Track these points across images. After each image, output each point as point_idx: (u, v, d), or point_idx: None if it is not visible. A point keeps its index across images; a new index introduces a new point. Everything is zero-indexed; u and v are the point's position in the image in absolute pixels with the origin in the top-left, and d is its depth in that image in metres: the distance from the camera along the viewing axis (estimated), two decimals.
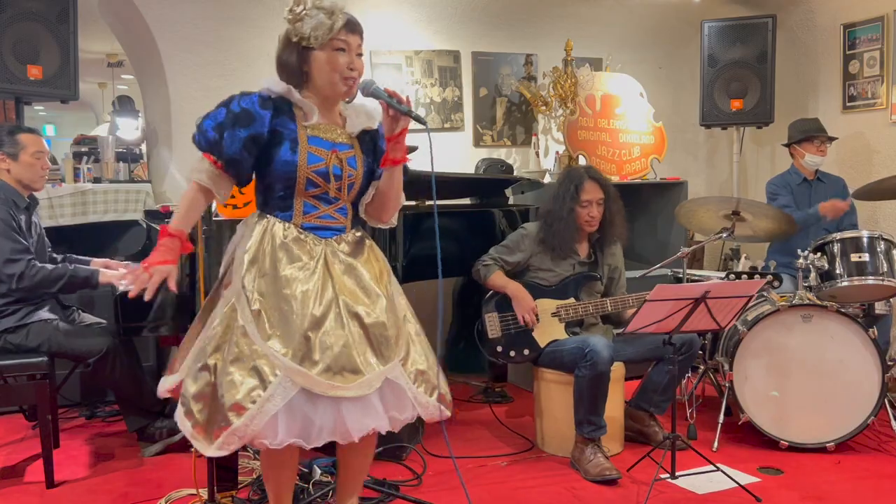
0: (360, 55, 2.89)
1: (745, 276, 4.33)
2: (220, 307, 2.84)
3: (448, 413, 2.97)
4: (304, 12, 2.83)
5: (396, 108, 2.77)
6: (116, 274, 4.30)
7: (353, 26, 2.86)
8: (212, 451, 2.70)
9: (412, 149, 5.00)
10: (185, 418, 2.75)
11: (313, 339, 2.70)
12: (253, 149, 2.81)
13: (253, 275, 2.79)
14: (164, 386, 2.96)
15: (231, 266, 2.89)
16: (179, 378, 2.87)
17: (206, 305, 2.96)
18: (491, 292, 4.53)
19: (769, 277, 4.31)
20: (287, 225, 2.86)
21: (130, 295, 2.74)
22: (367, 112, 3.01)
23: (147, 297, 2.75)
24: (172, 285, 2.78)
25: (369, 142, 3.02)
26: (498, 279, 4.51)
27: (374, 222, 3.10)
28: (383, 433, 2.85)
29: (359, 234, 3.02)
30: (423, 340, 3.02)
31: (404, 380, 2.86)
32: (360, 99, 2.96)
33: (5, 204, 4.16)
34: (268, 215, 2.90)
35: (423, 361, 2.95)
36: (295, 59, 2.87)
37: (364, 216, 3.07)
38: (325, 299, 2.77)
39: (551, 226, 4.51)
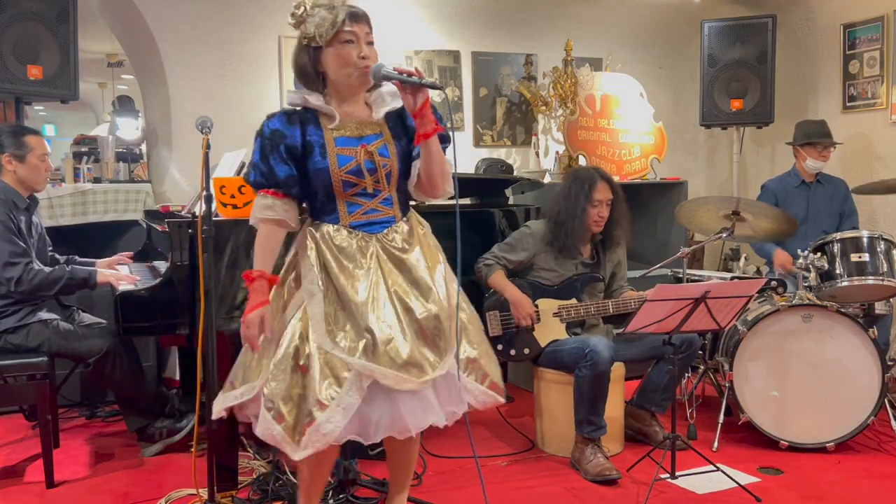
0: (370, 43, 2.88)
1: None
2: (290, 312, 2.89)
3: (501, 400, 3.02)
4: (305, 13, 2.84)
5: (409, 82, 2.74)
6: (114, 273, 4.32)
7: (357, 16, 2.86)
8: (300, 453, 2.73)
9: None
10: (275, 421, 2.76)
11: (377, 333, 2.75)
12: (292, 160, 2.88)
13: (318, 278, 2.84)
14: (225, 404, 2.95)
15: (293, 271, 2.98)
16: (249, 393, 2.87)
17: (272, 310, 2.93)
18: (492, 291, 4.52)
19: (773, 283, 4.32)
20: (337, 227, 2.91)
21: (255, 349, 2.86)
22: (389, 93, 2.99)
23: (256, 349, 2.85)
24: (266, 329, 2.85)
25: (399, 123, 3.01)
26: (498, 280, 4.47)
27: (428, 198, 3.08)
28: (441, 427, 2.86)
29: (409, 222, 3.03)
30: (475, 328, 3.05)
31: (458, 371, 2.89)
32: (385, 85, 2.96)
33: (5, 205, 4.16)
34: (317, 221, 2.95)
35: (474, 349, 2.98)
36: (308, 61, 2.90)
37: (417, 197, 3.07)
38: (381, 296, 2.82)
39: (562, 225, 4.48)
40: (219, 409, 2.97)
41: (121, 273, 4.38)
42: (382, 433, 2.78)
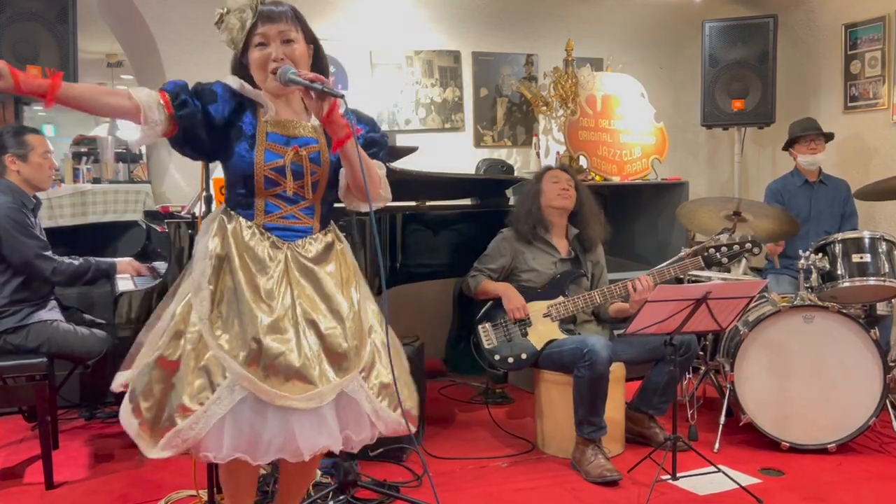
0: (287, 41, 2.68)
1: (724, 248, 4.34)
2: (176, 301, 2.70)
3: (412, 429, 2.81)
4: (219, 20, 2.71)
5: (312, 88, 2.53)
6: (132, 262, 4.46)
7: (269, 16, 2.68)
8: (156, 452, 2.54)
9: (411, 149, 5.01)
10: (132, 415, 2.59)
11: (265, 344, 2.55)
12: (204, 124, 2.68)
13: (212, 272, 2.65)
14: (119, 381, 2.73)
15: (193, 259, 2.76)
16: (133, 374, 2.69)
17: (164, 300, 2.78)
18: (481, 307, 4.53)
19: (748, 245, 4.32)
20: (249, 224, 2.72)
21: None
22: None
23: None
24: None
25: None
26: (486, 286, 4.57)
27: (357, 207, 2.89)
28: (336, 452, 2.68)
29: (328, 236, 2.84)
30: (392, 352, 2.78)
31: (364, 394, 2.69)
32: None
33: (18, 203, 4.21)
34: (232, 212, 2.76)
35: (388, 374, 2.76)
36: (238, 68, 2.78)
37: (349, 204, 2.89)
38: (281, 305, 2.63)
39: (519, 213, 4.66)
40: (117, 383, 2.75)
41: (136, 263, 4.48)
42: (273, 454, 2.56)
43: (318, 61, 2.81)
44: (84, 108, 2.58)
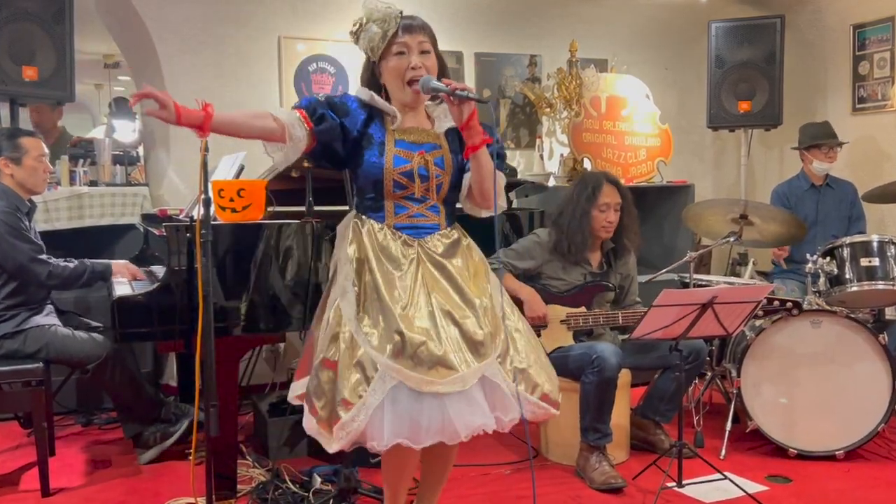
0: (424, 52, 2.92)
1: (776, 301, 4.32)
2: (329, 306, 2.94)
3: (554, 411, 2.99)
4: (360, 29, 2.94)
5: (456, 95, 2.77)
6: (127, 265, 4.48)
7: (409, 27, 2.91)
8: (333, 445, 2.76)
9: None
10: (311, 415, 2.83)
11: (407, 336, 2.73)
12: (341, 137, 2.92)
13: (355, 274, 2.88)
14: (295, 392, 3.06)
15: (336, 267, 3.00)
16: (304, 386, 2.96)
17: (320, 306, 3.06)
18: None
19: (789, 304, 4.31)
20: (381, 226, 2.95)
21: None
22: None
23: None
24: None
25: (457, 140, 3.02)
26: (509, 282, 4.39)
27: (477, 212, 3.11)
28: (489, 432, 2.83)
29: (454, 232, 3.06)
30: (524, 337, 3.03)
31: (501, 378, 2.85)
32: None
33: (12, 207, 4.20)
34: (363, 216, 2.99)
35: (524, 360, 2.95)
36: (370, 75, 3.01)
37: (469, 210, 3.11)
38: (419, 298, 2.84)
39: (564, 229, 4.43)
40: (292, 396, 3.08)
41: (133, 267, 4.49)
42: (433, 437, 2.75)
43: (442, 73, 2.99)
44: (235, 134, 2.85)
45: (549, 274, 4.49)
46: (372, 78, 3.01)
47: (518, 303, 4.37)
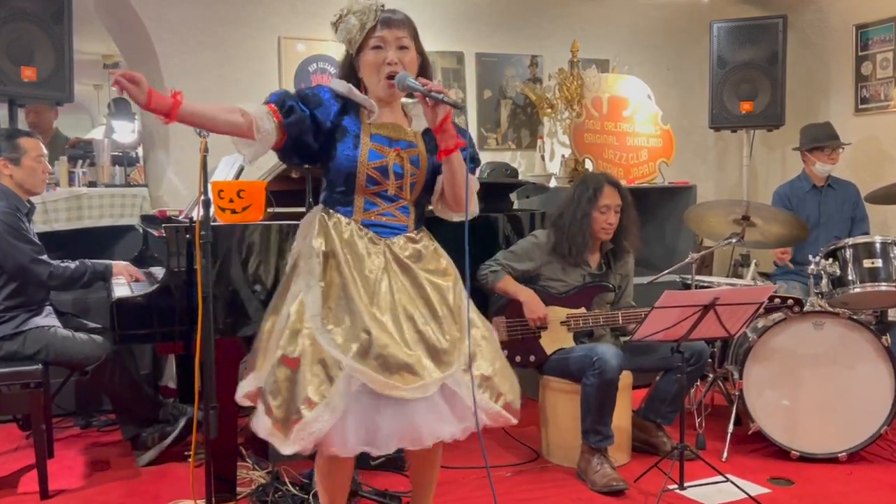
0: (403, 48, 2.85)
1: (777, 299, 4.30)
2: (289, 302, 2.84)
3: (514, 420, 2.96)
4: (339, 20, 2.87)
5: (430, 97, 2.70)
6: (127, 266, 4.46)
7: (388, 21, 2.84)
8: (289, 447, 2.69)
9: None
10: (265, 416, 2.74)
11: (374, 335, 2.70)
12: (312, 129, 2.84)
13: (321, 269, 2.80)
14: (243, 391, 2.92)
15: (298, 259, 2.90)
16: (257, 383, 2.85)
17: (275, 301, 2.95)
18: (498, 297, 4.45)
19: (790, 301, 4.30)
20: (348, 221, 2.88)
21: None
22: None
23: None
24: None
25: (434, 140, 2.94)
26: (508, 285, 4.42)
27: (449, 216, 3.04)
28: (455, 439, 2.82)
29: (421, 235, 3.00)
30: (490, 346, 2.98)
31: (464, 388, 2.80)
32: None
33: (11, 207, 4.20)
34: (330, 210, 2.92)
35: (489, 367, 2.91)
36: (348, 69, 2.95)
37: (440, 213, 3.06)
38: (383, 299, 2.79)
39: (564, 230, 4.43)
40: (240, 395, 2.94)
41: (133, 268, 4.48)
42: (395, 443, 2.72)
43: (423, 72, 2.92)
44: (203, 126, 2.78)
45: (548, 275, 4.48)
46: (350, 71, 2.94)
47: (518, 304, 4.39)
